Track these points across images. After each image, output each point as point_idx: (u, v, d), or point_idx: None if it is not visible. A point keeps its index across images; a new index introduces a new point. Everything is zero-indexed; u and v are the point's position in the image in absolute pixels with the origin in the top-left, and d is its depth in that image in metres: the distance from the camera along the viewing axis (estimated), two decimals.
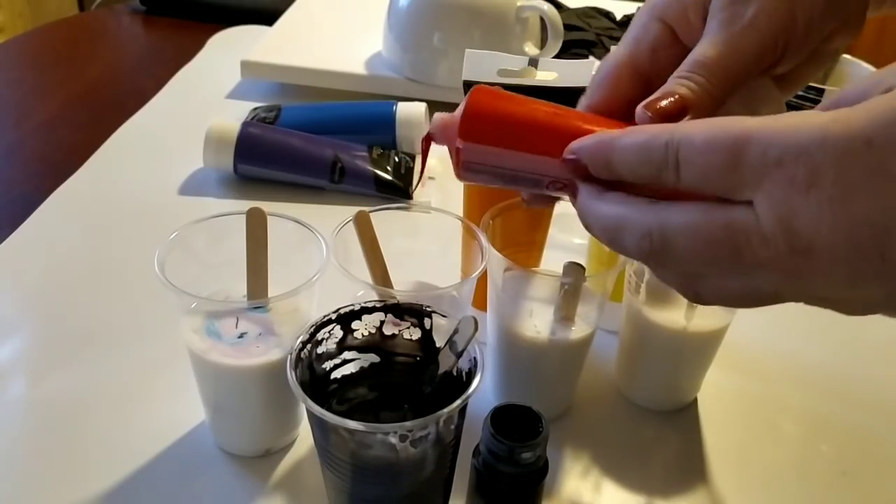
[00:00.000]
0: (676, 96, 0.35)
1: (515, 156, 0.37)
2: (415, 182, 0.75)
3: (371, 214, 0.50)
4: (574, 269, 0.48)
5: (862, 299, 0.29)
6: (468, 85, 0.49)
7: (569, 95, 0.51)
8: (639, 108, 0.35)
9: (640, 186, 0.32)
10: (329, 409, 0.37)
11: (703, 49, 0.36)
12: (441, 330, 0.44)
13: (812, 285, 0.29)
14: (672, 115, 0.35)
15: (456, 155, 0.37)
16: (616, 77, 0.39)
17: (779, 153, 0.28)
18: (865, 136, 0.27)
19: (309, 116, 0.82)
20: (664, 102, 0.35)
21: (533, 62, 0.54)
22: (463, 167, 0.37)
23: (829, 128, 0.28)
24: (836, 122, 0.28)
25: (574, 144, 0.34)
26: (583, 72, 0.52)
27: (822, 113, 0.29)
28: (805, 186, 0.28)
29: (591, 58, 1.01)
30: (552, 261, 0.56)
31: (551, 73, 0.54)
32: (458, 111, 0.37)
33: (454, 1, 0.86)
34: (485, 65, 0.52)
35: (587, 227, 0.34)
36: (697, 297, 0.33)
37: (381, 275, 0.49)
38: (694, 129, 0.30)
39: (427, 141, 0.39)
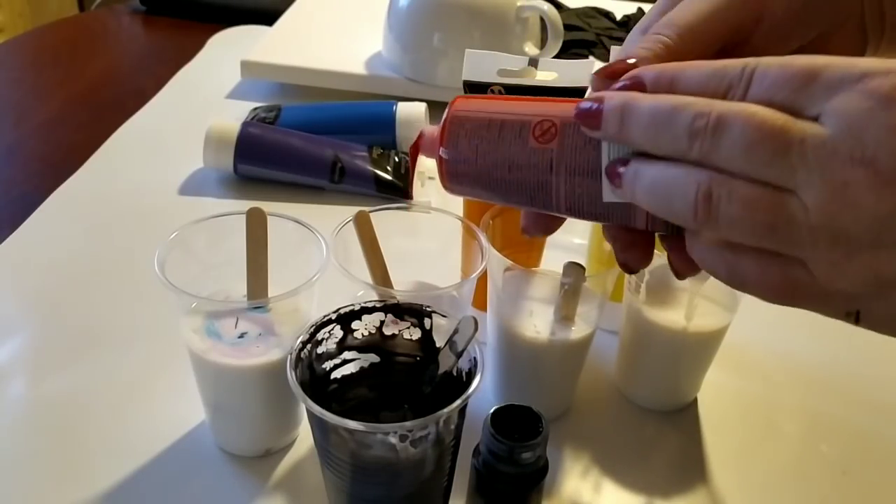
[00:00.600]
0: (632, 59, 0.34)
1: (501, 109, 0.36)
2: (413, 187, 0.75)
3: (371, 214, 0.50)
4: (574, 269, 0.48)
5: (888, 269, 0.27)
6: (468, 85, 0.49)
7: (569, 95, 0.51)
8: (592, 75, 0.35)
9: None
10: (329, 409, 0.37)
11: (675, 7, 0.36)
12: (441, 330, 0.44)
13: (851, 208, 0.27)
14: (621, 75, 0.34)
15: (440, 165, 0.37)
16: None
17: (864, 68, 0.27)
18: None
19: (309, 116, 0.82)
20: (619, 65, 0.34)
21: (533, 62, 0.54)
22: (448, 177, 0.37)
23: None
24: None
25: (632, 71, 0.33)
26: (583, 72, 0.52)
27: None
28: (888, 98, 0.26)
29: (591, 58, 1.01)
30: (552, 261, 0.56)
31: (551, 73, 0.54)
32: (439, 131, 0.37)
33: (454, 1, 0.86)
34: (485, 65, 0.52)
35: (627, 120, 0.31)
36: (710, 207, 0.29)
37: (381, 275, 0.49)
38: (771, 60, 0.29)
39: (414, 150, 0.40)
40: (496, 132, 0.36)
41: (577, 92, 0.51)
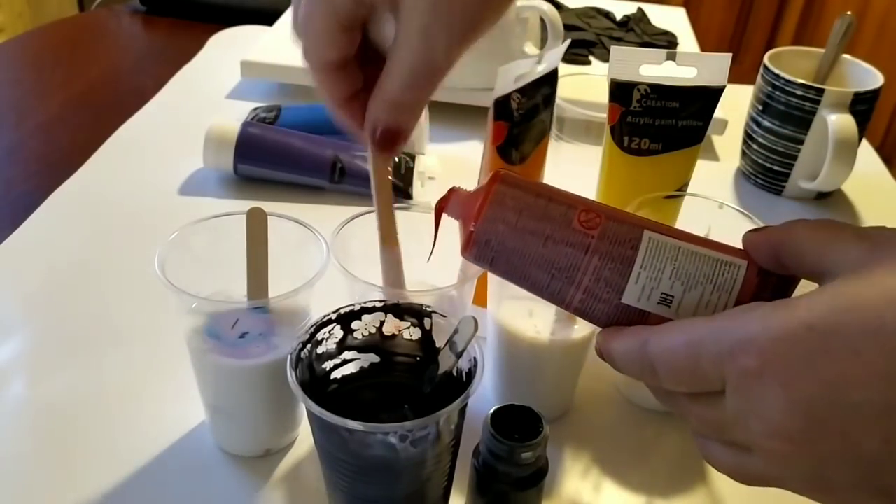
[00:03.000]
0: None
1: (550, 189, 0.37)
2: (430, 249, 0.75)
3: (371, 215, 0.49)
4: None
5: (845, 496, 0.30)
6: (497, 103, 0.49)
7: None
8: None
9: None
10: (329, 409, 0.37)
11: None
12: (441, 330, 0.44)
13: (792, 468, 0.31)
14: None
15: (473, 225, 0.37)
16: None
17: (729, 345, 0.30)
18: (807, 322, 0.29)
19: (309, 116, 0.82)
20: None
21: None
22: (477, 238, 0.37)
23: (771, 315, 0.30)
24: (777, 310, 0.30)
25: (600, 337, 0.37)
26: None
27: (764, 304, 0.31)
28: (757, 373, 0.30)
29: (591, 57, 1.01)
30: None
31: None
32: (477, 191, 0.37)
33: None
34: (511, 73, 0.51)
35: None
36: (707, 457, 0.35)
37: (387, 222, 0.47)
38: (661, 338, 0.34)
39: (438, 212, 0.39)
40: (543, 205, 0.36)
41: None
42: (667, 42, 1.06)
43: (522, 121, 0.51)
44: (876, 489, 0.29)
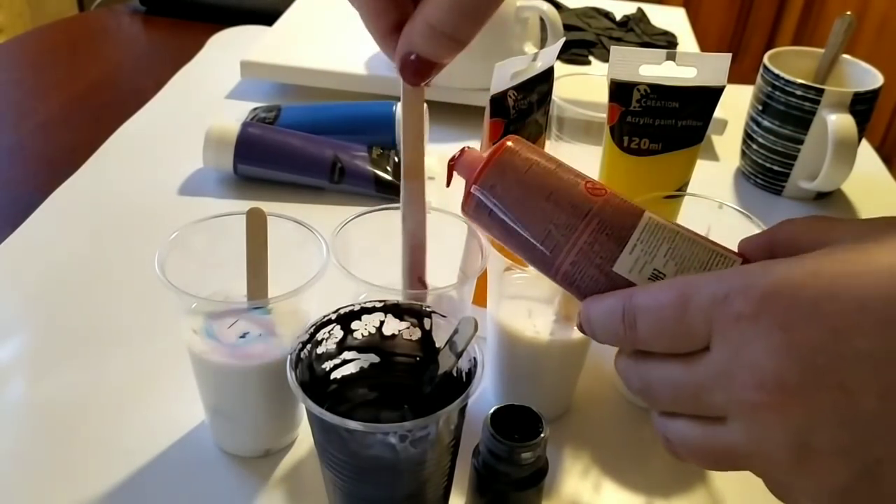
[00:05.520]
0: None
1: (530, 201, 0.37)
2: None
3: (371, 215, 0.50)
4: None
5: (837, 479, 0.28)
6: (494, 100, 0.49)
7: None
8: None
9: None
10: (329, 409, 0.37)
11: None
12: (441, 330, 0.44)
13: (772, 429, 0.29)
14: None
15: (467, 197, 0.38)
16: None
17: (725, 290, 0.29)
18: (813, 270, 0.28)
19: (309, 116, 0.82)
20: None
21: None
22: (471, 209, 0.38)
23: (774, 264, 0.29)
24: (779, 262, 0.29)
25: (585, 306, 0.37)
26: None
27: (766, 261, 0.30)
28: (753, 316, 0.28)
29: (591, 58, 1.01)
30: None
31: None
32: (488, 150, 0.38)
33: None
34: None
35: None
36: (671, 448, 0.36)
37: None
38: (649, 290, 0.33)
39: (450, 169, 0.40)
40: (553, 167, 0.38)
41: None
42: (666, 42, 1.06)
43: (518, 118, 0.51)
44: (861, 463, 0.27)
